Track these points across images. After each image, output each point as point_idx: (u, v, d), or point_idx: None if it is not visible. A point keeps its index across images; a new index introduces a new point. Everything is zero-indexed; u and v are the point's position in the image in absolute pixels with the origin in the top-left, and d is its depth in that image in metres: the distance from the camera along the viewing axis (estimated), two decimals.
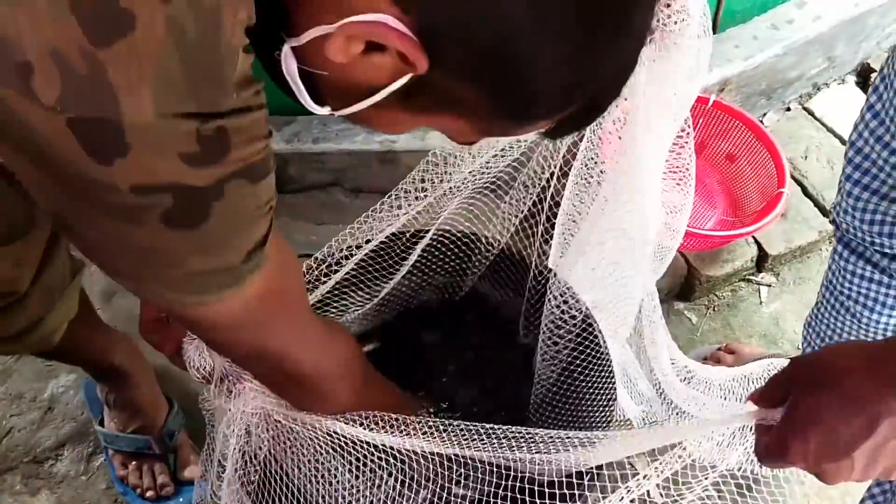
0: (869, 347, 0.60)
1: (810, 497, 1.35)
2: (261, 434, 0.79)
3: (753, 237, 1.57)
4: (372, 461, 0.79)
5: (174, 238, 0.46)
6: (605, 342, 1.03)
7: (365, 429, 0.75)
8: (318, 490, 0.82)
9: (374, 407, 0.78)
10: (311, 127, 1.60)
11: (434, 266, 1.11)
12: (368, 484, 0.82)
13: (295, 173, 1.63)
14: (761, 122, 1.72)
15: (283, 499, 0.83)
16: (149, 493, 1.35)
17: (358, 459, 0.79)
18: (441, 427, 0.77)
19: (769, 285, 1.59)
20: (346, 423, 0.76)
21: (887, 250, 1.04)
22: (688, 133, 1.03)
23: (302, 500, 0.83)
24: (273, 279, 0.56)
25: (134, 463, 1.38)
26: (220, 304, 0.54)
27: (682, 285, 1.56)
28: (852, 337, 1.21)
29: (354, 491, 0.82)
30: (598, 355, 1.01)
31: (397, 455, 0.78)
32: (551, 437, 0.76)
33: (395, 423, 0.76)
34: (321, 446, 0.79)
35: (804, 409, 0.58)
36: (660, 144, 0.97)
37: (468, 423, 0.77)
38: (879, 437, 0.56)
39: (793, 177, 1.64)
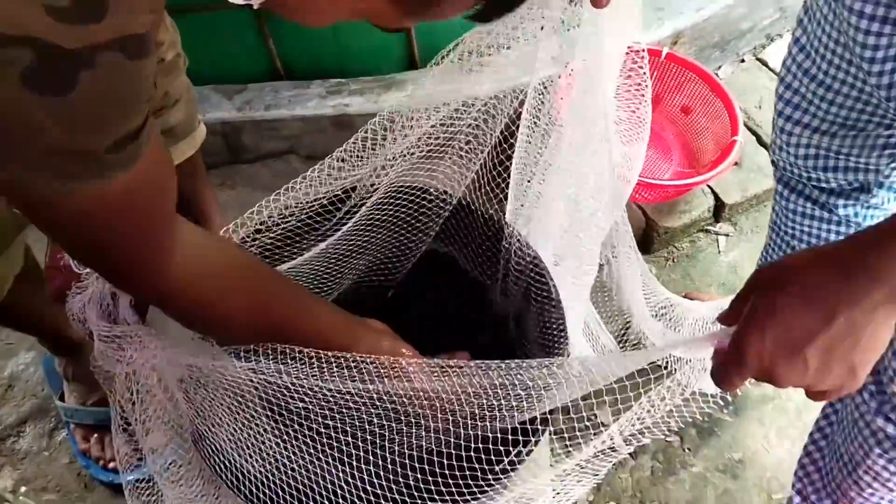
0: (825, 248, 0.60)
1: (770, 438, 1.37)
2: (177, 388, 0.78)
3: (710, 187, 1.57)
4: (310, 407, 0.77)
5: (34, 103, 0.42)
6: (556, 292, 1.03)
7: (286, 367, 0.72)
8: (249, 444, 0.81)
9: (297, 330, 0.73)
10: (263, 94, 1.59)
11: (389, 222, 1.09)
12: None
13: (249, 142, 1.62)
14: (716, 74, 1.72)
15: (214, 453, 0.82)
16: (111, 465, 1.35)
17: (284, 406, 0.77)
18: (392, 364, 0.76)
19: (727, 235, 1.60)
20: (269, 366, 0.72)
21: (824, 185, 1.05)
22: (645, 86, 1.04)
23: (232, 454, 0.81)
24: (142, 184, 0.53)
25: (96, 436, 1.37)
26: (79, 197, 0.50)
27: (641, 238, 1.56)
28: None
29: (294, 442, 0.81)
30: (550, 302, 1.01)
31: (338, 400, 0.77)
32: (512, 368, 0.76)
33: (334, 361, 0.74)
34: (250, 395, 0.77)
35: (763, 308, 0.59)
36: (609, 95, 0.97)
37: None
38: (834, 332, 0.56)
39: (747, 127, 1.65)
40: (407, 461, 0.81)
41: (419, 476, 0.80)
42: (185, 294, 0.65)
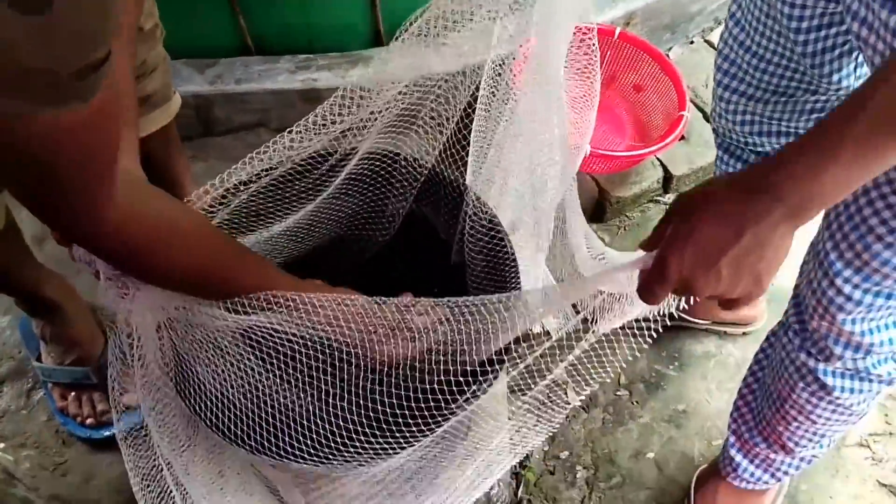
0: (735, 175, 0.68)
1: (711, 391, 1.47)
2: (167, 328, 0.83)
3: (659, 160, 1.67)
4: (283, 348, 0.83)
5: (12, 21, 0.43)
6: (512, 249, 1.09)
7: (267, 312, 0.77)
8: (230, 385, 0.85)
9: (240, 287, 0.76)
10: (234, 69, 1.64)
11: (361, 190, 1.14)
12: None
13: (221, 115, 1.68)
14: (667, 54, 1.81)
15: (198, 396, 0.86)
16: (89, 421, 1.40)
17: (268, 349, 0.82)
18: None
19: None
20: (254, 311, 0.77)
21: (759, 149, 1.14)
22: (594, 61, 1.12)
23: (214, 394, 0.86)
24: (93, 121, 0.54)
25: (73, 394, 1.42)
26: (32, 124, 0.51)
27: (595, 207, 1.66)
28: None
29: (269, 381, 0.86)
30: (506, 258, 1.07)
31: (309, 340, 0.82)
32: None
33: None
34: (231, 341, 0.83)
35: (682, 229, 0.66)
36: (560, 68, 1.05)
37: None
38: (743, 246, 0.64)
39: (694, 104, 1.75)
40: (377, 396, 0.88)
41: (388, 409, 0.87)
42: (116, 236, 0.66)
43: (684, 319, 1.50)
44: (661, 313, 0.83)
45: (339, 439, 0.85)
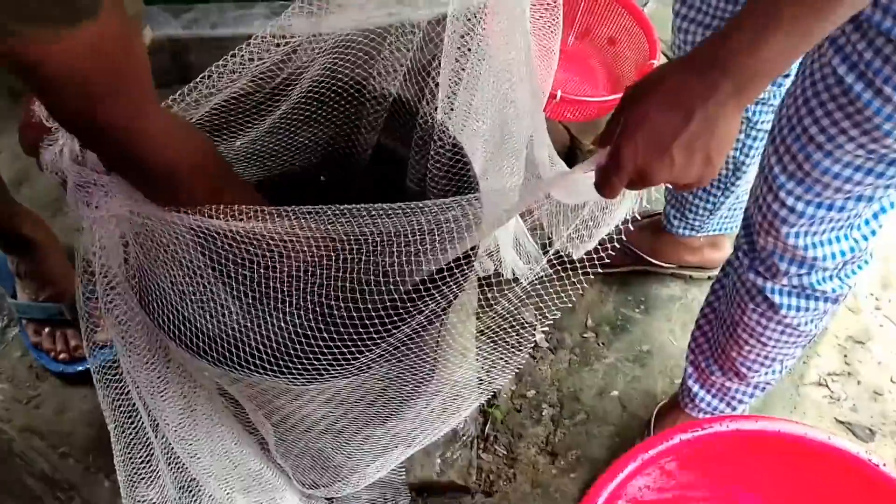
0: (681, 57, 0.70)
1: (675, 332, 1.50)
2: (133, 240, 0.84)
3: None
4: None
5: None
6: (475, 175, 1.11)
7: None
8: (189, 299, 0.87)
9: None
10: (209, 14, 1.65)
11: (327, 118, 1.15)
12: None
13: (196, 61, 1.69)
14: (643, 8, 1.83)
15: (161, 311, 0.88)
16: (62, 356, 1.42)
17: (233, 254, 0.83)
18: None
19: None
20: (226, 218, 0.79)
21: None
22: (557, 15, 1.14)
23: (178, 305, 0.88)
24: (110, 35, 0.58)
25: (47, 329, 1.44)
26: (49, 45, 0.55)
27: (566, 155, 1.68)
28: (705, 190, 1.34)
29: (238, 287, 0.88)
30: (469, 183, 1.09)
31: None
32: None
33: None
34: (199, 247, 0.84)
35: (634, 115, 0.67)
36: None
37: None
38: (693, 128, 0.65)
39: (665, 55, 1.77)
40: (334, 303, 0.90)
41: (345, 315, 0.89)
42: (161, 154, 0.72)
43: (651, 264, 1.53)
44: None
45: (296, 347, 0.88)
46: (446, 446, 1.35)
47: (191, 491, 1.09)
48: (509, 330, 1.16)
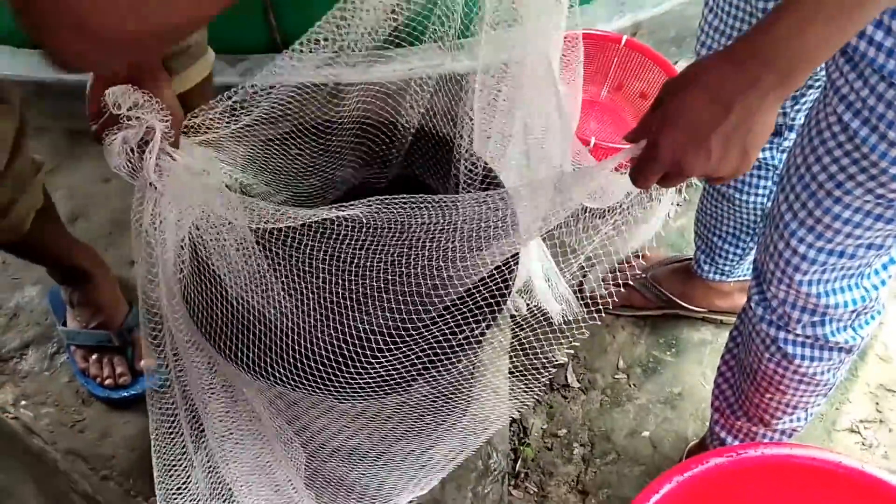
0: (721, 50, 0.69)
1: (706, 375, 1.52)
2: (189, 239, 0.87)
3: None
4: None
5: None
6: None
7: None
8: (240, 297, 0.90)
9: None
10: (263, 63, 1.74)
11: (354, 156, 1.20)
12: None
13: None
14: (674, 65, 1.90)
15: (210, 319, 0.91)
16: (108, 382, 1.46)
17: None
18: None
19: (677, 205, 1.76)
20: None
21: None
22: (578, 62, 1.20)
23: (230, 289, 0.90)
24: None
25: (95, 356, 1.49)
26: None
27: None
28: (732, 223, 1.38)
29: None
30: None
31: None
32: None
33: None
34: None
35: (672, 107, 0.68)
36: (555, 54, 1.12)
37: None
38: (733, 120, 0.66)
39: None
40: (387, 304, 0.91)
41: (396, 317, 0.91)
42: None
43: (681, 307, 1.55)
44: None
45: (344, 355, 0.90)
46: (477, 481, 1.37)
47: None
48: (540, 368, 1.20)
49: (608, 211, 0.93)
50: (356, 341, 0.90)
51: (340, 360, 0.90)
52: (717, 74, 0.67)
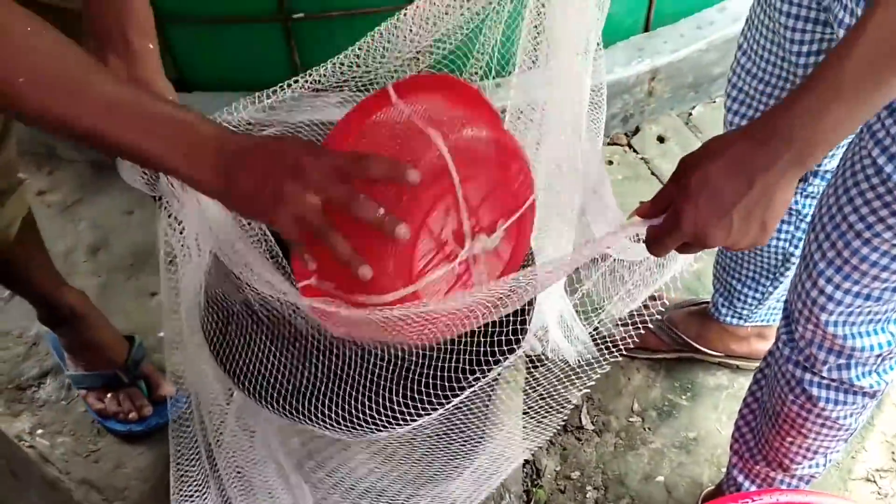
0: (743, 127, 0.71)
1: (722, 420, 1.51)
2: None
3: None
4: None
5: None
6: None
7: None
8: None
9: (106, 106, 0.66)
10: (286, 100, 1.78)
11: None
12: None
13: None
14: (690, 113, 1.93)
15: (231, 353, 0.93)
16: (131, 416, 1.45)
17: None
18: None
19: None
20: None
21: None
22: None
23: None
24: None
25: (109, 395, 1.46)
26: None
27: None
28: (753, 267, 1.38)
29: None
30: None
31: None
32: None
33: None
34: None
35: (695, 180, 0.70)
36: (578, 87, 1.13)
37: None
38: (754, 194, 0.68)
39: None
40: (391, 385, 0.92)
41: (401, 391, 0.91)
42: None
43: (698, 351, 1.55)
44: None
45: (354, 401, 0.90)
46: None
47: None
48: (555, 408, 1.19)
49: (635, 263, 0.95)
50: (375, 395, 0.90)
51: (357, 402, 0.90)
52: (739, 150, 0.69)
